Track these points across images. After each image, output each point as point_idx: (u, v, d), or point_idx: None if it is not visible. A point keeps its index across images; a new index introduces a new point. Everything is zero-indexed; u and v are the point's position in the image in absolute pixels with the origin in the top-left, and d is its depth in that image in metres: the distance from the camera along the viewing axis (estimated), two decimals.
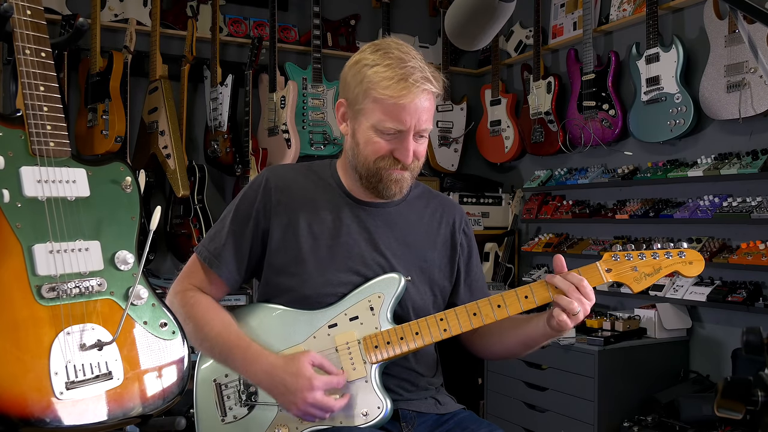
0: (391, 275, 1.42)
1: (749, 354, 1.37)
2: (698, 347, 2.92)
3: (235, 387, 1.42)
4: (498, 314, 1.37)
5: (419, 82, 1.32)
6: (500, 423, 3.09)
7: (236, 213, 1.49)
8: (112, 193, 1.47)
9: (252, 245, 1.47)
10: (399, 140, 1.36)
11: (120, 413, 1.36)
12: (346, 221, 1.46)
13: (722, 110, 2.68)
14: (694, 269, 1.39)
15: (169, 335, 1.50)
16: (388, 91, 1.32)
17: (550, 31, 3.75)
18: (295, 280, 1.43)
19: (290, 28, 3.83)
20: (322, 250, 1.44)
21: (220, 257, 1.47)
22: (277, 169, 1.54)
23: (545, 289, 1.37)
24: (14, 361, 1.26)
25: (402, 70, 1.32)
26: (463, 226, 1.58)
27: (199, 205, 3.34)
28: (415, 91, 1.32)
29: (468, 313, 1.38)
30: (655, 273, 1.39)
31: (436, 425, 1.46)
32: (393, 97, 1.32)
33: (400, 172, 1.40)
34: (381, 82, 1.33)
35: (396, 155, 1.37)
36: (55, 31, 3.08)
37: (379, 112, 1.34)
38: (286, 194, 1.47)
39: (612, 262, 1.39)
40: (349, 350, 1.37)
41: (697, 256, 1.40)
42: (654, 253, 1.39)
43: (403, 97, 1.32)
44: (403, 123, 1.34)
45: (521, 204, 3.88)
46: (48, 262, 1.33)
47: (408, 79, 1.32)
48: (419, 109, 1.34)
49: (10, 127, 1.37)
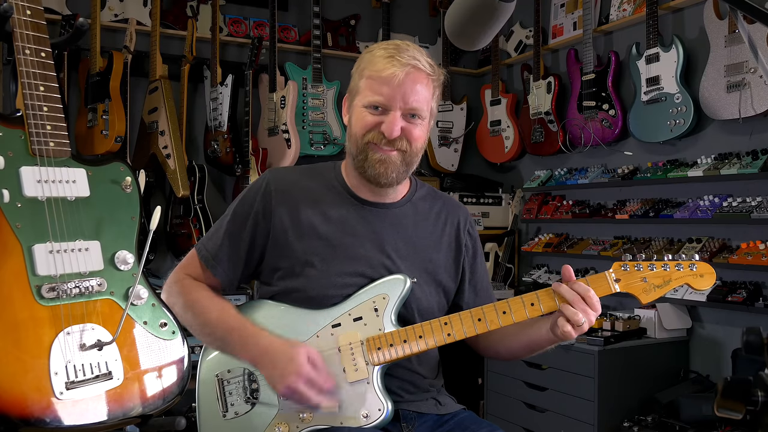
0: (397, 276, 1.41)
1: (749, 354, 1.37)
2: (698, 347, 2.92)
3: (237, 383, 1.42)
4: (503, 320, 1.36)
5: (405, 59, 1.36)
6: (500, 423, 3.09)
7: (234, 215, 1.50)
8: (112, 193, 1.47)
9: (249, 247, 1.48)
10: (386, 116, 1.39)
11: (120, 413, 1.36)
12: (351, 222, 1.46)
13: (722, 110, 2.68)
14: (705, 282, 1.37)
15: (169, 335, 1.50)
16: (375, 66, 1.38)
17: (550, 31, 3.75)
18: (300, 281, 1.43)
19: (290, 28, 3.83)
20: (327, 251, 1.43)
21: (216, 258, 1.48)
22: (279, 171, 1.55)
23: (551, 298, 1.36)
24: (14, 361, 1.26)
25: (393, 51, 1.38)
26: (468, 227, 1.58)
27: (199, 205, 3.34)
28: (397, 65, 1.36)
29: (473, 319, 1.37)
30: (664, 285, 1.37)
31: (437, 425, 1.46)
32: (378, 71, 1.37)
33: (386, 152, 1.40)
34: (372, 60, 1.39)
35: (382, 128, 1.39)
36: (55, 31, 3.08)
37: (367, 89, 1.40)
38: (288, 196, 1.47)
39: (621, 272, 1.38)
40: (352, 351, 1.37)
41: (709, 269, 1.38)
42: (664, 265, 1.38)
43: (386, 70, 1.36)
44: (385, 96, 1.37)
45: (521, 204, 3.88)
46: (48, 262, 1.33)
47: (395, 56, 1.37)
48: (404, 84, 1.37)
49: (10, 127, 1.37)
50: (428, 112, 1.43)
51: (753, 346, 1.34)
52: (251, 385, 1.40)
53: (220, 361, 1.45)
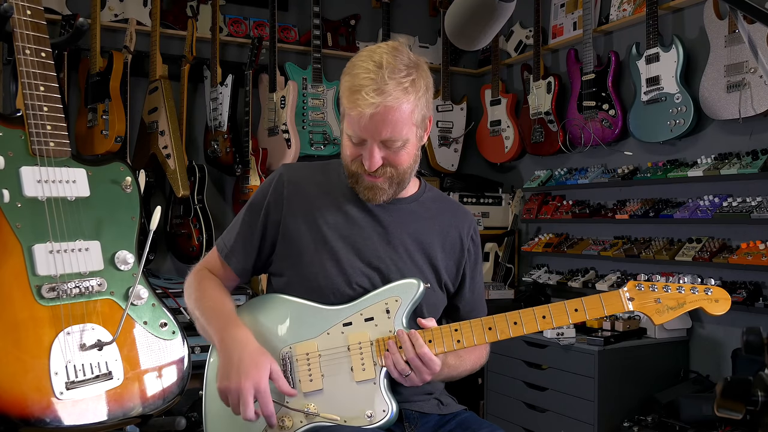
0: (411, 281, 1.43)
1: (749, 354, 1.36)
2: (698, 347, 2.92)
3: None
4: (513, 331, 1.37)
5: (369, 95, 1.31)
6: (500, 423, 3.09)
7: (250, 206, 1.54)
8: (112, 193, 1.47)
9: (263, 237, 1.51)
10: (365, 148, 1.38)
11: (120, 413, 1.36)
12: (360, 215, 1.49)
13: (722, 110, 2.68)
14: (720, 308, 1.36)
15: (169, 335, 1.51)
16: (345, 101, 1.37)
17: (550, 31, 3.75)
18: (309, 270, 1.45)
19: (290, 28, 3.83)
20: (337, 241, 1.46)
21: (231, 248, 1.52)
22: (293, 165, 1.58)
23: (564, 312, 1.36)
24: (14, 361, 1.26)
25: (359, 81, 1.33)
26: (471, 234, 1.60)
27: (199, 205, 3.34)
28: (362, 104, 1.31)
29: (483, 327, 1.38)
30: (678, 307, 1.36)
31: (438, 425, 1.47)
32: (347, 108, 1.36)
33: (371, 179, 1.41)
34: (344, 92, 1.37)
35: (362, 161, 1.39)
36: (55, 31, 3.07)
37: (345, 120, 1.40)
38: (300, 188, 1.50)
39: (636, 291, 1.38)
40: (361, 351, 1.38)
41: (724, 295, 1.36)
42: (679, 287, 1.37)
43: (352, 110, 1.34)
44: (356, 132, 1.36)
45: (521, 204, 3.88)
46: (48, 262, 1.33)
47: (360, 91, 1.32)
48: (373, 121, 1.33)
49: (10, 127, 1.37)
50: (410, 131, 1.38)
51: (753, 346, 1.34)
52: None
53: None
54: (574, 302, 1.37)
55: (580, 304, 1.37)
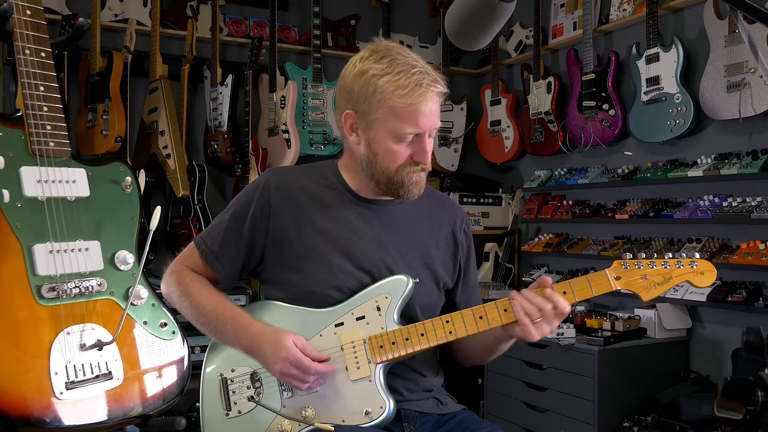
0: (399, 277, 1.43)
1: (749, 354, 1.36)
2: (698, 347, 2.92)
3: (240, 382, 1.43)
4: (504, 318, 1.37)
5: (432, 85, 1.36)
6: (500, 423, 3.09)
7: (234, 212, 1.51)
8: (112, 193, 1.47)
9: (248, 245, 1.49)
10: (417, 143, 1.40)
11: (120, 413, 1.37)
12: (350, 218, 1.48)
13: (722, 110, 2.68)
14: (706, 279, 1.38)
15: (169, 335, 1.51)
16: (405, 99, 1.35)
17: (550, 31, 3.75)
18: (301, 276, 1.44)
19: (290, 28, 3.83)
20: (327, 246, 1.45)
21: (215, 254, 1.50)
22: (278, 170, 1.56)
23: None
24: (14, 361, 1.26)
25: (414, 77, 1.35)
26: (463, 226, 1.60)
27: (199, 205, 3.34)
28: (430, 95, 1.36)
29: (474, 316, 1.38)
30: (665, 282, 1.37)
31: (438, 425, 1.46)
32: (412, 105, 1.35)
33: (420, 174, 1.43)
34: (396, 91, 1.35)
35: (416, 158, 1.40)
36: (55, 31, 3.07)
37: (397, 120, 1.37)
38: (287, 194, 1.48)
39: (622, 270, 1.39)
40: (354, 349, 1.38)
41: (709, 267, 1.38)
42: (664, 263, 1.38)
43: (421, 104, 1.35)
44: (421, 127, 1.37)
45: (521, 204, 3.88)
46: (48, 262, 1.33)
47: (422, 85, 1.35)
48: (434, 111, 1.38)
49: (10, 127, 1.37)
50: None
51: (753, 346, 1.34)
52: (254, 385, 1.41)
53: (224, 361, 1.46)
54: (563, 285, 1.37)
55: (569, 286, 1.37)
